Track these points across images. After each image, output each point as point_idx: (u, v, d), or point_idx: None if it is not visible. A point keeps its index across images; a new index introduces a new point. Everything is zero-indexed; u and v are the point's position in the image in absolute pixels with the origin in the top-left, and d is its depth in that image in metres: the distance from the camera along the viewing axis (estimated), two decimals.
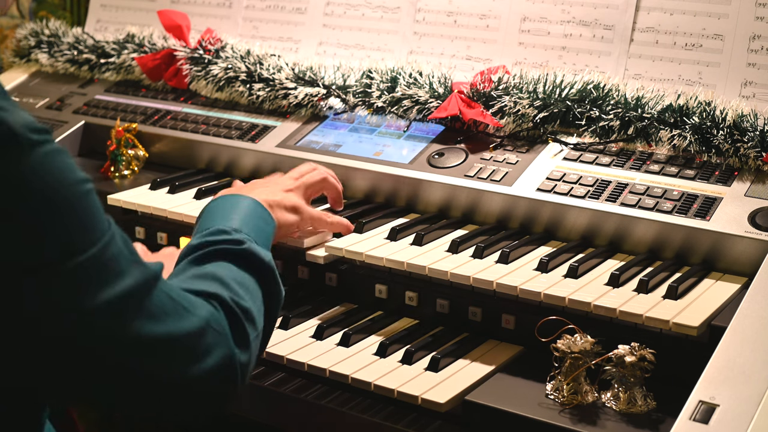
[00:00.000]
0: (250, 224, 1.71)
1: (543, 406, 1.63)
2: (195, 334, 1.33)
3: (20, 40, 3.13)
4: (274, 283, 1.60)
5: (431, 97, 2.32)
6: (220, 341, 1.37)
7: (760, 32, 2.16)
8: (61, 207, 1.18)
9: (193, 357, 1.33)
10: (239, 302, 1.46)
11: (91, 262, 1.20)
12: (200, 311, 1.36)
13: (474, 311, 1.93)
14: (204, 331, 1.35)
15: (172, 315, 1.30)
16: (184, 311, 1.33)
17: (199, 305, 1.38)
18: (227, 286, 1.47)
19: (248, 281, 1.54)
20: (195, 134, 2.57)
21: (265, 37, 2.82)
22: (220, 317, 1.40)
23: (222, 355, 1.37)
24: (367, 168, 2.28)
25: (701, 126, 2.03)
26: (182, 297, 1.35)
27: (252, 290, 1.53)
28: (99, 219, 1.24)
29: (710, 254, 1.89)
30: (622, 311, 1.71)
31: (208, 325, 1.36)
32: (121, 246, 1.26)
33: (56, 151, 1.20)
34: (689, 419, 1.42)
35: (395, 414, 1.73)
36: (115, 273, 1.23)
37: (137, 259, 1.29)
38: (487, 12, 2.51)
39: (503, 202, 2.11)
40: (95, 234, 1.22)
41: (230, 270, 1.53)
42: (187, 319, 1.33)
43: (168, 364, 1.31)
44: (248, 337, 1.44)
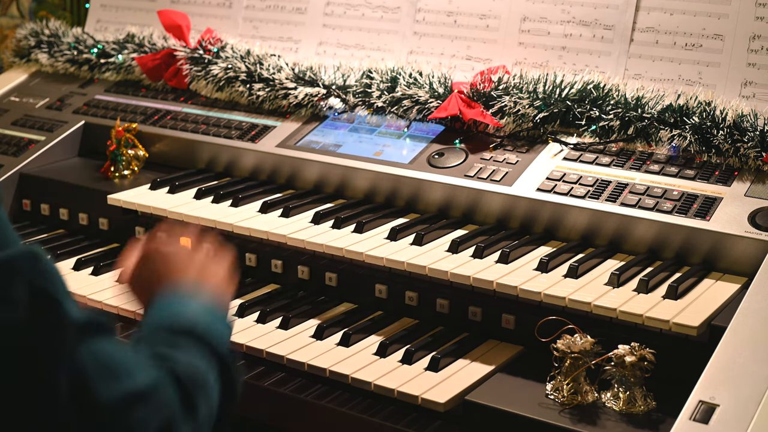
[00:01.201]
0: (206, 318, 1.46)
1: (543, 406, 1.63)
2: (126, 403, 1.16)
3: (20, 40, 3.12)
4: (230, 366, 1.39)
5: (431, 97, 2.32)
6: (159, 412, 1.20)
7: (760, 32, 2.16)
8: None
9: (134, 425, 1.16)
10: (187, 370, 1.28)
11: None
12: (137, 378, 1.19)
13: (474, 311, 1.93)
14: (136, 401, 1.18)
15: (93, 377, 1.13)
16: (113, 375, 1.16)
17: (138, 371, 1.21)
18: (175, 358, 1.30)
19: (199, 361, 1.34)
20: (195, 134, 2.57)
21: (265, 37, 2.82)
22: (165, 385, 1.23)
23: (159, 427, 1.19)
24: (367, 168, 2.28)
25: (701, 126, 2.03)
26: (116, 357, 1.18)
27: (202, 367, 1.33)
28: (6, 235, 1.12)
29: (710, 254, 1.89)
30: (622, 311, 1.70)
31: (144, 394, 1.19)
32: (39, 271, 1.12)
33: None
34: (689, 419, 1.42)
35: (395, 414, 1.73)
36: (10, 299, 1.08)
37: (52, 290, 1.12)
38: (487, 12, 2.51)
39: (503, 202, 2.11)
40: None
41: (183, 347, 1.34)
42: (115, 384, 1.15)
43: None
44: (196, 410, 1.27)
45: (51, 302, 1.12)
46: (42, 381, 1.10)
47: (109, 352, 1.18)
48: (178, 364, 1.28)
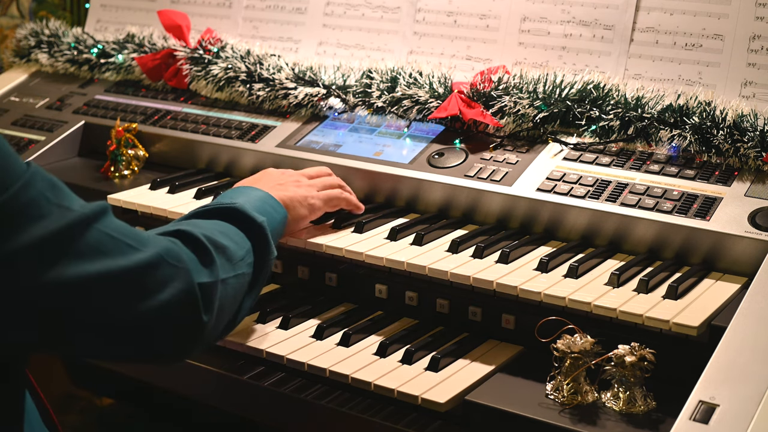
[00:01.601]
0: (256, 205, 1.71)
1: (543, 406, 1.63)
2: (140, 269, 1.32)
3: (20, 40, 3.13)
4: (265, 239, 1.60)
5: (431, 97, 2.32)
6: (175, 274, 1.36)
7: (760, 32, 2.16)
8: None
9: (142, 292, 1.32)
10: (212, 238, 1.44)
11: (3, 206, 1.20)
12: (150, 247, 1.35)
13: (474, 311, 1.93)
14: (154, 266, 1.33)
15: (110, 253, 1.29)
16: (127, 248, 1.31)
17: (151, 241, 1.36)
18: (200, 227, 1.46)
19: (231, 230, 1.52)
20: (195, 134, 2.57)
21: (265, 37, 2.82)
22: (176, 250, 1.38)
23: (179, 288, 1.35)
24: (367, 168, 2.28)
25: (701, 126, 2.03)
26: (128, 235, 1.34)
27: (234, 238, 1.51)
28: (11, 163, 1.23)
29: (710, 254, 1.89)
30: (622, 311, 1.71)
31: (160, 259, 1.35)
32: (43, 189, 1.25)
33: None
34: (689, 419, 1.42)
35: (395, 414, 1.73)
36: (32, 217, 1.22)
37: (63, 202, 1.27)
38: (487, 12, 2.51)
39: (503, 202, 2.11)
40: (6, 179, 1.21)
41: (213, 222, 1.52)
42: (130, 254, 1.31)
43: (112, 302, 1.29)
44: (214, 264, 1.42)
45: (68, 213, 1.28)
46: (73, 269, 1.25)
47: (120, 228, 1.33)
48: (191, 229, 1.43)
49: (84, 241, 1.27)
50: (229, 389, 1.90)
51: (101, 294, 1.28)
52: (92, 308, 1.28)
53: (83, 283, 1.26)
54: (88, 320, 1.29)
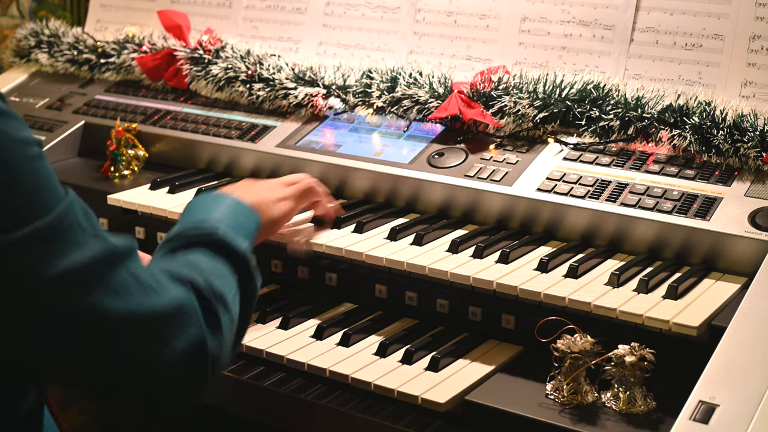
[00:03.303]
0: (229, 217, 1.67)
1: (543, 406, 1.63)
2: (162, 315, 1.30)
3: (20, 40, 3.13)
4: (248, 273, 1.56)
5: (431, 97, 2.32)
6: (190, 324, 1.34)
7: (760, 32, 2.16)
8: (7, 176, 1.17)
9: (160, 339, 1.30)
10: (213, 286, 1.42)
11: (42, 231, 1.19)
12: (170, 292, 1.33)
13: (474, 311, 1.93)
14: (173, 313, 1.32)
15: (136, 294, 1.28)
16: (152, 291, 1.30)
17: (171, 287, 1.35)
18: (201, 271, 1.44)
19: (221, 268, 1.51)
20: (195, 134, 2.57)
21: (265, 37, 2.82)
22: (192, 300, 1.37)
23: (192, 338, 1.34)
24: (367, 168, 2.28)
25: (701, 126, 2.03)
26: (151, 278, 1.32)
27: (225, 277, 1.50)
28: (53, 186, 1.22)
29: (710, 254, 1.89)
30: (622, 311, 1.71)
31: (179, 307, 1.33)
32: (80, 218, 1.24)
33: (5, 115, 1.18)
34: (689, 419, 1.42)
35: (395, 414, 1.73)
36: (72, 243, 1.21)
37: (98, 232, 1.27)
38: (487, 12, 2.51)
39: (503, 202, 2.11)
40: (47, 203, 1.21)
41: (204, 257, 1.50)
42: (153, 298, 1.30)
43: (132, 343, 1.28)
44: (220, 323, 1.40)
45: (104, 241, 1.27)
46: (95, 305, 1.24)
47: (147, 272, 1.33)
48: (200, 279, 1.41)
49: (114, 277, 1.26)
50: (229, 389, 1.90)
51: (123, 333, 1.27)
52: (110, 345, 1.27)
53: (111, 318, 1.25)
54: (103, 355, 1.28)
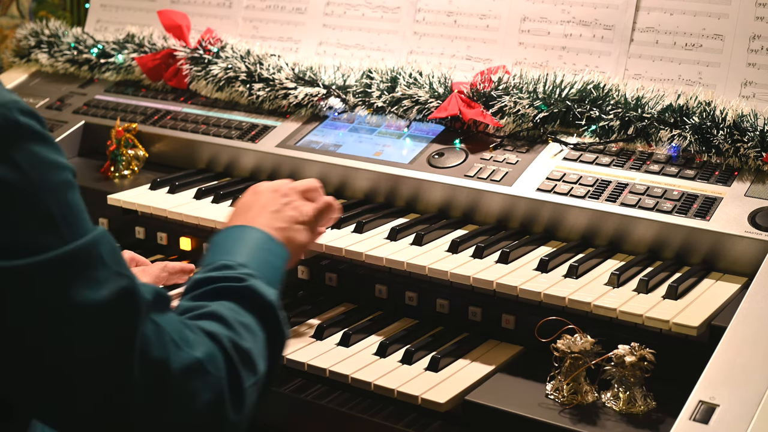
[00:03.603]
0: (258, 258, 1.59)
1: (543, 406, 1.63)
2: (183, 373, 1.23)
3: (20, 40, 3.13)
4: (276, 325, 1.47)
5: (431, 97, 2.32)
6: (212, 386, 1.27)
7: (760, 32, 2.16)
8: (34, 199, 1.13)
9: (175, 397, 1.23)
10: (239, 343, 1.35)
11: (63, 260, 1.13)
12: (195, 349, 1.26)
13: (474, 311, 1.93)
14: (196, 372, 1.25)
15: (155, 346, 1.21)
16: (173, 346, 1.23)
17: (196, 342, 1.28)
18: (228, 326, 1.37)
19: (250, 322, 1.42)
20: (195, 134, 2.57)
21: (265, 37, 2.82)
22: (218, 359, 1.30)
23: (212, 400, 1.26)
24: (367, 168, 2.28)
25: (701, 126, 2.03)
26: (176, 331, 1.26)
27: (254, 331, 1.41)
28: (78, 217, 1.18)
29: (710, 254, 1.89)
30: (622, 311, 1.70)
31: (202, 366, 1.26)
32: (105, 255, 1.18)
33: (40, 138, 1.15)
34: (689, 419, 1.42)
35: (395, 414, 1.73)
36: (91, 279, 1.16)
37: (124, 273, 1.20)
38: (487, 12, 2.51)
39: (503, 202, 2.11)
40: (72, 232, 1.16)
41: (232, 309, 1.42)
42: (175, 354, 1.23)
43: (143, 399, 1.20)
44: (243, 387, 1.32)
45: (129, 281, 1.20)
46: (117, 353, 1.17)
47: (171, 325, 1.26)
48: (226, 338, 1.34)
49: (134, 325, 1.19)
50: None
51: (137, 385, 1.20)
52: (117, 396, 1.19)
53: (128, 369, 1.19)
54: (104, 408, 1.19)
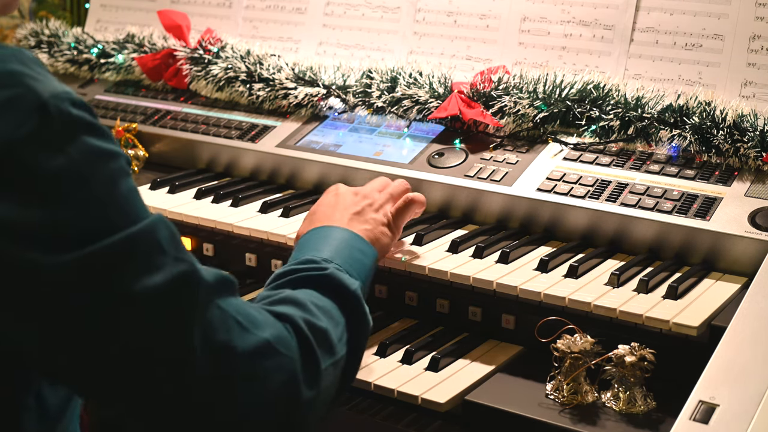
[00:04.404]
0: (344, 254, 1.61)
1: (543, 406, 1.63)
2: (251, 355, 1.22)
3: (20, 40, 3.13)
4: (359, 311, 1.48)
5: (431, 97, 2.32)
6: (284, 366, 1.26)
7: (760, 32, 2.16)
8: (88, 189, 1.12)
9: (248, 381, 1.22)
10: (313, 323, 1.34)
11: (120, 246, 1.12)
12: (262, 331, 1.25)
13: (474, 311, 1.93)
14: (264, 353, 1.24)
15: (219, 329, 1.20)
16: (239, 328, 1.22)
17: (264, 324, 1.27)
18: (302, 307, 1.37)
19: (329, 306, 1.43)
20: (195, 134, 2.57)
21: (265, 37, 2.82)
22: (288, 339, 1.29)
23: (284, 380, 1.26)
24: (367, 168, 2.28)
25: (701, 126, 2.03)
26: (242, 314, 1.25)
27: (333, 315, 1.41)
28: (132, 204, 1.17)
29: (710, 254, 1.89)
30: (622, 311, 1.70)
31: (270, 346, 1.25)
32: (164, 241, 1.18)
33: (92, 129, 1.14)
34: (689, 419, 1.42)
35: (395, 414, 1.73)
36: (149, 265, 1.15)
37: (184, 258, 1.20)
38: (487, 12, 2.51)
39: (503, 202, 2.11)
40: (127, 218, 1.15)
41: (310, 295, 1.42)
42: (241, 337, 1.22)
43: (211, 385, 1.19)
44: (318, 365, 1.32)
45: (189, 266, 1.20)
46: (178, 338, 1.17)
47: (237, 308, 1.25)
48: (300, 318, 1.33)
49: (197, 308, 1.18)
50: None
51: (202, 370, 1.19)
52: (185, 382, 1.18)
53: (192, 353, 1.18)
54: (171, 395, 1.19)
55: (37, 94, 1.11)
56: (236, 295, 1.28)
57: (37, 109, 1.10)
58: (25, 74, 1.12)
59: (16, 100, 1.10)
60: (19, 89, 1.10)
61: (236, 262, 2.21)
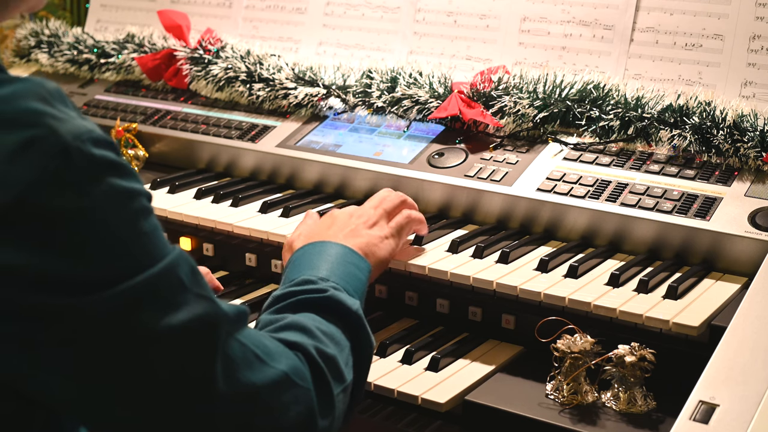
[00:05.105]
0: (340, 271, 1.60)
1: (543, 406, 1.63)
2: (270, 388, 1.22)
3: (20, 40, 3.13)
4: (362, 332, 1.47)
5: (431, 97, 2.32)
6: (300, 397, 1.26)
7: (760, 32, 2.16)
8: (109, 230, 1.11)
9: (267, 414, 1.22)
10: (324, 350, 1.33)
11: (142, 288, 1.11)
12: (279, 363, 1.25)
13: (474, 311, 1.93)
14: (282, 385, 1.24)
15: (241, 364, 1.19)
16: (258, 362, 1.22)
17: (280, 355, 1.26)
18: (311, 335, 1.36)
19: (333, 331, 1.41)
20: (195, 134, 2.57)
21: (265, 37, 2.82)
22: (303, 370, 1.28)
23: (301, 412, 1.25)
24: (367, 168, 2.28)
25: (701, 126, 2.03)
26: (259, 345, 1.24)
27: (338, 340, 1.41)
28: (153, 244, 1.15)
29: (710, 254, 1.89)
30: (622, 311, 1.70)
31: (288, 379, 1.25)
32: (185, 278, 1.16)
33: (114, 168, 1.12)
34: (689, 419, 1.42)
35: (395, 414, 1.73)
36: (172, 303, 1.14)
37: (205, 294, 1.18)
38: (487, 12, 2.51)
39: (503, 202, 2.11)
40: (149, 259, 1.13)
41: (314, 319, 1.41)
42: (260, 370, 1.22)
43: (232, 419, 1.19)
44: (332, 394, 1.31)
45: (210, 302, 1.19)
46: (201, 376, 1.16)
47: (253, 340, 1.24)
48: (311, 347, 1.33)
49: (219, 345, 1.17)
50: None
51: (223, 405, 1.18)
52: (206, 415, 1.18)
53: (215, 389, 1.17)
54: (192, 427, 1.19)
55: (59, 137, 1.07)
56: (248, 327, 1.27)
57: (59, 153, 1.06)
58: (46, 114, 1.08)
59: (38, 143, 1.05)
60: (39, 130, 1.06)
61: (236, 262, 2.21)
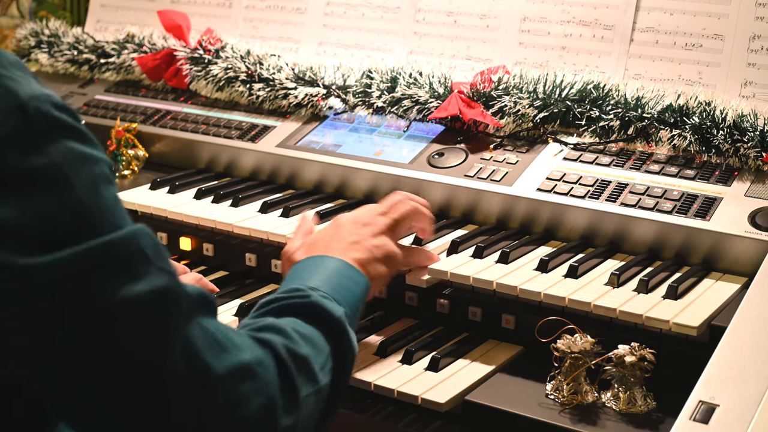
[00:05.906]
0: (332, 282, 1.56)
1: (543, 406, 1.63)
2: (230, 375, 1.18)
3: (20, 40, 3.13)
4: (345, 338, 1.44)
5: (431, 97, 2.32)
6: (261, 390, 1.22)
7: (760, 32, 2.16)
8: (68, 192, 1.08)
9: (225, 402, 1.18)
10: (294, 350, 1.31)
11: (98, 251, 1.08)
12: (243, 353, 1.22)
13: (474, 311, 1.93)
14: (243, 374, 1.20)
15: (201, 349, 1.16)
16: (219, 348, 1.19)
17: (245, 347, 1.23)
18: (284, 334, 1.33)
19: (313, 334, 1.39)
20: (195, 134, 2.57)
21: (265, 37, 2.82)
22: (267, 364, 1.25)
23: (262, 405, 1.22)
24: (367, 168, 2.28)
25: (701, 126, 2.03)
26: (223, 334, 1.21)
27: (316, 343, 1.38)
28: (112, 211, 1.12)
29: (710, 254, 1.89)
30: (622, 311, 1.70)
31: (250, 369, 1.21)
32: (148, 250, 1.13)
33: (74, 132, 1.10)
34: (689, 419, 1.42)
35: (395, 414, 1.73)
36: (130, 273, 1.10)
37: (167, 269, 1.15)
38: (487, 12, 2.51)
39: (503, 202, 2.11)
40: (106, 224, 1.10)
41: (293, 322, 1.39)
42: (221, 356, 1.18)
43: (187, 404, 1.15)
44: (297, 393, 1.28)
45: (172, 278, 1.15)
46: (157, 353, 1.12)
47: (217, 328, 1.22)
48: (280, 343, 1.31)
49: (178, 326, 1.14)
50: None
51: (178, 388, 1.14)
52: (161, 397, 1.14)
53: (169, 371, 1.13)
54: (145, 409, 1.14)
55: (15, 95, 1.07)
56: (216, 317, 1.25)
57: (16, 109, 1.06)
58: (3, 76, 1.08)
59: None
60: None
61: (236, 262, 2.21)
